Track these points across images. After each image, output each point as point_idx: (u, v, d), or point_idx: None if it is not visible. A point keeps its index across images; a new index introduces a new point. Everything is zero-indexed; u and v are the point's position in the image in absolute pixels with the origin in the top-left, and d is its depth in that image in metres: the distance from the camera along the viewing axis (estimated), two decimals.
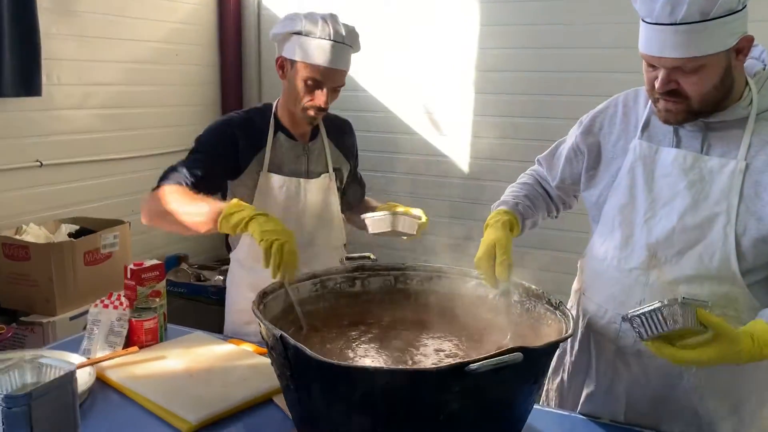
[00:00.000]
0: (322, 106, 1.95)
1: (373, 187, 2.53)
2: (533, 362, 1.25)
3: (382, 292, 1.77)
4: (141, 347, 1.81)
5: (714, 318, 1.23)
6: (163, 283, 1.97)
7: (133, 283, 1.89)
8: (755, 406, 1.55)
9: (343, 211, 2.22)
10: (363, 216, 1.92)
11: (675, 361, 1.28)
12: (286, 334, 1.23)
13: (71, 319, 2.70)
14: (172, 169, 1.94)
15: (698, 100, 1.37)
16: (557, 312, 1.52)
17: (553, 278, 1.83)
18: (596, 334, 1.66)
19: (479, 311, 1.71)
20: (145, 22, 3.56)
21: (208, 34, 4.04)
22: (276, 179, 2.04)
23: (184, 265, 3.69)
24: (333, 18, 1.93)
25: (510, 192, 1.80)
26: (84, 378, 1.59)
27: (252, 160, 2.02)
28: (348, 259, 1.81)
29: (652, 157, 1.50)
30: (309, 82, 1.92)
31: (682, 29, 1.28)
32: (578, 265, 1.79)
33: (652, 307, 1.25)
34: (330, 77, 1.92)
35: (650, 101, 1.50)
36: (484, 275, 1.58)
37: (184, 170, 1.91)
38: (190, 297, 3.54)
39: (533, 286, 1.62)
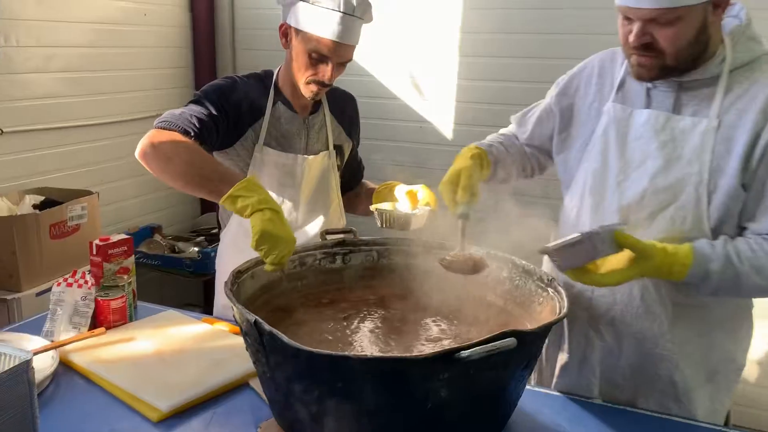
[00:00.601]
0: (326, 81, 1.81)
1: None
2: (526, 345, 1.17)
3: (364, 268, 1.69)
4: (108, 328, 1.70)
5: (630, 239, 1.28)
6: (132, 259, 1.86)
7: (99, 259, 1.79)
8: (730, 375, 1.55)
9: (345, 193, 2.11)
10: (374, 208, 1.76)
11: (596, 285, 1.36)
12: (260, 319, 1.14)
13: (37, 295, 2.58)
14: (174, 113, 1.73)
15: (673, 55, 1.34)
16: (549, 289, 1.45)
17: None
18: (568, 303, 1.61)
19: (467, 288, 1.63)
20: None
21: None
22: (272, 154, 1.90)
23: (157, 236, 3.56)
24: None
25: (487, 138, 1.78)
26: (46, 362, 1.49)
27: (248, 130, 1.87)
28: (328, 233, 1.72)
29: (626, 120, 1.47)
30: (314, 55, 1.78)
31: None
32: (552, 234, 1.73)
33: (569, 240, 1.27)
34: (337, 52, 1.78)
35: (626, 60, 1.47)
36: (446, 199, 1.53)
37: (192, 117, 1.71)
38: (165, 269, 3.43)
39: (523, 262, 1.54)
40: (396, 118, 3.61)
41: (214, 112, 1.76)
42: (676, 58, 1.34)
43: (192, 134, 1.69)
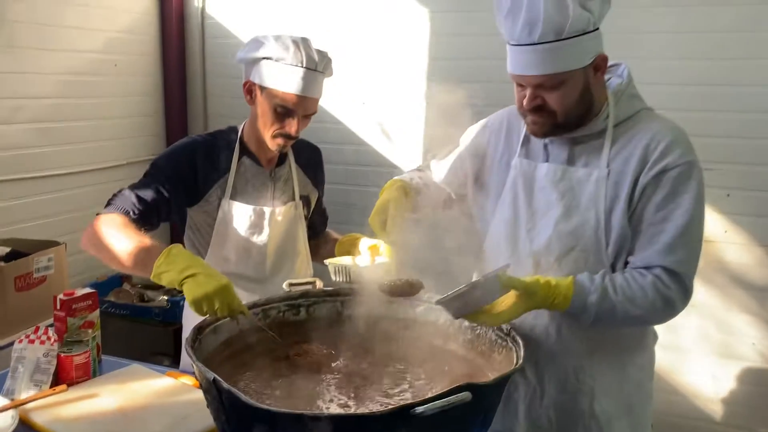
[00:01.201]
0: (293, 134, 1.87)
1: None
2: (482, 398, 1.20)
3: (328, 319, 1.70)
4: (71, 385, 1.68)
5: (512, 280, 1.40)
6: (97, 312, 1.85)
7: (63, 314, 1.78)
8: (645, 406, 1.64)
9: (311, 241, 2.14)
10: (327, 261, 1.80)
11: (490, 324, 1.48)
12: (218, 378, 1.15)
13: (2, 348, 2.53)
14: (121, 193, 1.81)
15: (562, 114, 1.48)
16: (508, 339, 1.48)
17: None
18: (525, 353, 1.66)
19: (430, 337, 1.66)
20: (81, 31, 3.38)
21: (150, 44, 3.88)
22: (238, 207, 1.94)
23: (126, 285, 3.53)
24: (305, 42, 1.84)
25: (406, 173, 1.87)
26: (5, 422, 1.48)
27: (214, 186, 1.91)
28: (292, 285, 1.74)
29: (531, 173, 1.60)
30: (279, 110, 1.84)
31: (540, 48, 1.40)
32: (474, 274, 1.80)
33: (459, 291, 1.37)
34: (302, 105, 1.84)
35: None
36: (375, 229, 1.61)
37: (133, 196, 1.79)
38: (134, 319, 3.39)
39: None
40: (366, 164, 3.66)
41: (165, 185, 1.82)
42: (565, 116, 1.48)
43: (131, 215, 1.75)
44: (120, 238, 1.66)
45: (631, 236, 1.50)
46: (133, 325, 3.41)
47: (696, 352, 3.20)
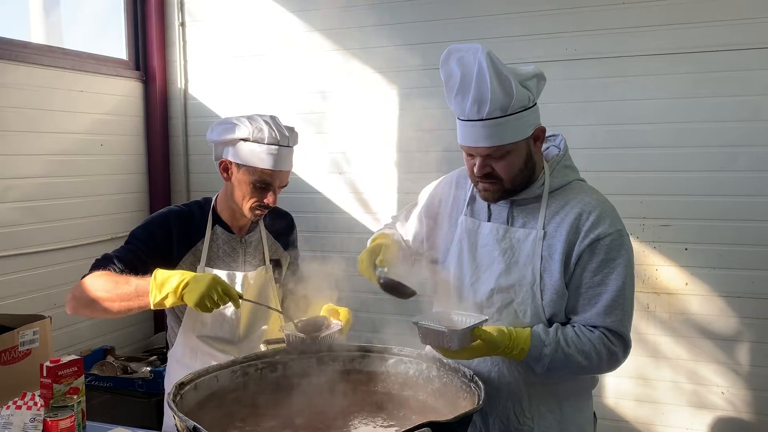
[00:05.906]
0: (272, 205, 2.01)
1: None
2: None
3: (305, 375, 1.79)
4: None
5: (485, 333, 1.53)
6: (82, 379, 1.91)
7: (49, 380, 1.84)
8: None
9: (284, 303, 2.21)
10: (280, 327, 1.91)
11: (451, 358, 1.61)
12: (199, 425, 1.23)
13: None
14: (103, 258, 1.94)
15: (509, 180, 1.64)
16: (471, 384, 1.58)
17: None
18: (486, 395, 1.74)
19: (401, 388, 1.75)
20: (68, 114, 3.56)
21: (135, 124, 4.05)
22: (212, 273, 2.02)
23: (110, 358, 3.57)
24: (275, 121, 1.99)
25: (383, 227, 2.01)
26: None
27: (187, 254, 2.03)
28: (269, 342, 1.83)
29: (475, 231, 1.74)
30: (258, 185, 1.98)
31: (488, 123, 1.56)
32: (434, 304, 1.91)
33: (437, 328, 1.52)
34: (278, 178, 2.00)
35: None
36: (365, 269, 1.75)
37: (114, 259, 1.92)
38: (117, 391, 3.41)
39: (450, 361, 1.68)
40: (341, 231, 3.79)
41: (142, 251, 1.96)
42: (512, 183, 1.64)
43: (113, 272, 1.89)
44: (111, 284, 1.84)
45: (571, 296, 1.63)
46: (117, 397, 3.42)
47: (670, 404, 3.28)
